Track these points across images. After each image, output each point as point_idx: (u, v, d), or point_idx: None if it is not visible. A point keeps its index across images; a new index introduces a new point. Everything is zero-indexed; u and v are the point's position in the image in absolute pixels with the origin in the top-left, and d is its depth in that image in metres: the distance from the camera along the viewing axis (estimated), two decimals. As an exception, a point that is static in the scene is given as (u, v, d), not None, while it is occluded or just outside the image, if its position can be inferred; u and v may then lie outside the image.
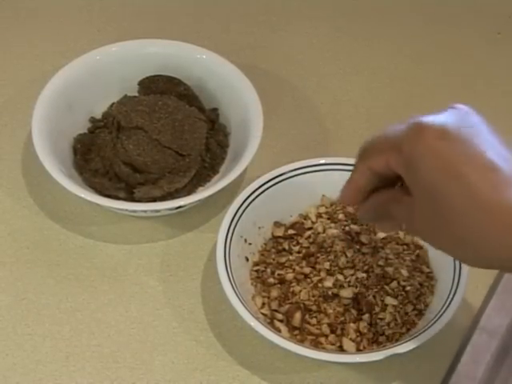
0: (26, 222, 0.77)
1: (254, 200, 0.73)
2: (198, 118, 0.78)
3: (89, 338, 0.70)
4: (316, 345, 0.68)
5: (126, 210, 0.75)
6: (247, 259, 0.72)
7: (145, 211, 0.75)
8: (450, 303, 0.66)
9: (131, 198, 0.74)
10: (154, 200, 0.74)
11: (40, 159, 0.73)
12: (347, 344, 0.68)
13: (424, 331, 0.65)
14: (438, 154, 0.51)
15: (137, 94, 0.80)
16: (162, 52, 0.81)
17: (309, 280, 0.70)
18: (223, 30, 0.91)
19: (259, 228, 0.73)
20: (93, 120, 0.81)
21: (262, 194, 0.73)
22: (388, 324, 0.68)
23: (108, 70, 0.81)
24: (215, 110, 0.81)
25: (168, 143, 0.75)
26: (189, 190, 0.76)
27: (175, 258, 0.75)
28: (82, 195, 0.72)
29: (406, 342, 0.65)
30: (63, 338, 0.70)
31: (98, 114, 0.81)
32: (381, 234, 0.72)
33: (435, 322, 0.66)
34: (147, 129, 0.75)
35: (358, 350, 0.68)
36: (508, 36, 0.91)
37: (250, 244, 0.73)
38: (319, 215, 0.75)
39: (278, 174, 0.74)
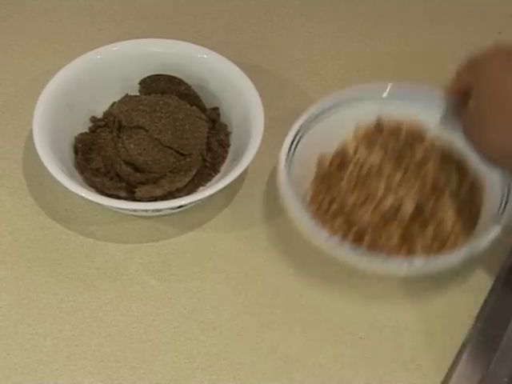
0: (26, 221, 0.77)
1: (303, 135, 0.75)
2: (199, 117, 0.78)
3: (90, 337, 0.70)
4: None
5: (127, 209, 0.75)
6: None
7: (146, 211, 0.75)
8: (505, 205, 0.70)
9: (132, 198, 0.74)
10: (155, 199, 0.74)
11: (41, 158, 0.73)
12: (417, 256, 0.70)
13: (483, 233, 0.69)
14: (499, 74, 0.64)
15: (138, 94, 0.81)
16: (163, 51, 0.81)
17: (369, 202, 0.73)
18: (224, 30, 0.91)
19: (308, 162, 0.75)
20: (94, 119, 0.81)
21: (309, 131, 0.75)
22: (449, 233, 0.71)
23: (109, 69, 0.81)
24: (216, 109, 0.81)
25: (169, 143, 0.75)
26: (190, 189, 0.76)
27: (176, 258, 0.75)
28: (83, 194, 0.72)
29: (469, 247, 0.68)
30: (64, 338, 0.70)
31: (99, 113, 0.81)
32: (420, 152, 0.76)
33: (491, 227, 0.68)
34: (148, 128, 0.75)
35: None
36: (509, 35, 0.91)
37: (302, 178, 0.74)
38: (362, 143, 0.77)
39: (318, 110, 0.76)
